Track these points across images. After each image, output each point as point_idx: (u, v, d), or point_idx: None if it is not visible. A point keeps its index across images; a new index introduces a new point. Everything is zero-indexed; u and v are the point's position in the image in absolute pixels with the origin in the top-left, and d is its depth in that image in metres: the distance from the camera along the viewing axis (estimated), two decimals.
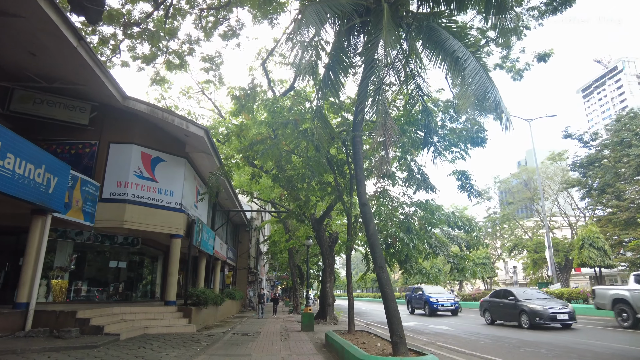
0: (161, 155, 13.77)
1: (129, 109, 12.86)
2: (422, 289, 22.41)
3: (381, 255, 6.56)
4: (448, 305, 20.52)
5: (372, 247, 6.63)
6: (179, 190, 14.00)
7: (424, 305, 21.52)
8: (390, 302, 6.14)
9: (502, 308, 15.13)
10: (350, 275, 10.19)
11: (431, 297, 21.05)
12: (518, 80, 14.08)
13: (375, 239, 6.69)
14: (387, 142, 7.68)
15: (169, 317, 12.10)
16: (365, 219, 6.96)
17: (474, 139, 10.23)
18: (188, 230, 14.13)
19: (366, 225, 6.91)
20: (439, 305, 20.45)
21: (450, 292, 27.32)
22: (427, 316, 20.67)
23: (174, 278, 13.18)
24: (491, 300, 16.03)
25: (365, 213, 7.01)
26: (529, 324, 13.39)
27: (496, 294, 16.09)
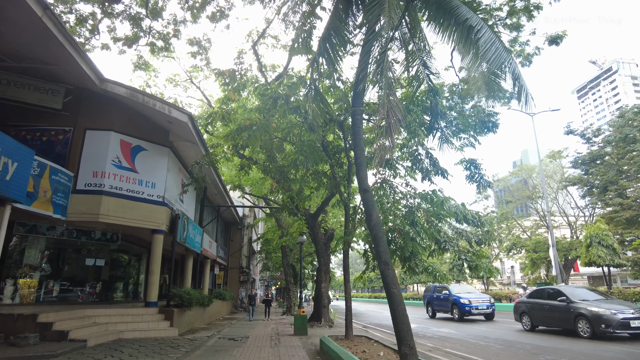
0: (142, 143, 12.68)
1: (107, 93, 11.79)
2: (448, 289, 19.24)
3: (386, 249, 5.56)
4: (483, 307, 17.42)
5: (376, 239, 5.63)
6: (162, 182, 12.92)
7: (451, 308, 18.45)
8: (398, 305, 5.15)
9: (547, 311, 12.49)
10: (348, 274, 9.20)
11: (462, 298, 17.78)
12: (527, 66, 13.17)
13: (379, 230, 5.69)
14: (390, 122, 6.70)
15: (148, 319, 11.03)
16: (367, 206, 5.96)
17: (484, 123, 9.26)
18: (172, 225, 13.06)
19: (368, 214, 5.91)
20: (472, 308, 17.29)
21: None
22: (456, 321, 17.47)
23: (156, 277, 12.10)
24: (531, 301, 13.47)
25: (366, 200, 6.01)
26: (590, 332, 10.64)
27: (538, 294, 13.57)
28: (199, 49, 14.29)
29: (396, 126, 6.88)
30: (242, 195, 21.95)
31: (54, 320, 8.26)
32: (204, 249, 17.95)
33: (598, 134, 28.79)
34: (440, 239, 8.79)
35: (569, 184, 33.96)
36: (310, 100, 6.66)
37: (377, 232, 5.68)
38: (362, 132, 6.77)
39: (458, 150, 10.13)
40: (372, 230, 5.73)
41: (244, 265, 29.10)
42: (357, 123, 6.71)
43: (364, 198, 6.06)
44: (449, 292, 18.91)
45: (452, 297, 18.36)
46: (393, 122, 6.80)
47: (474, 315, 17.55)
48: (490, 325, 15.71)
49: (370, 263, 9.81)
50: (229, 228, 28.45)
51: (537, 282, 45.38)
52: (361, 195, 6.15)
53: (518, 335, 12.27)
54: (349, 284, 9.04)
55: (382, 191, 9.82)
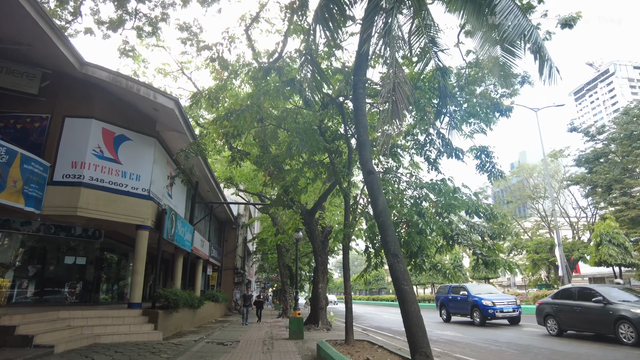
0: (126, 133, 11.80)
1: (88, 78, 10.94)
2: (466, 289, 17.27)
3: (395, 240, 4.73)
4: (509, 310, 15.33)
5: (383, 227, 4.80)
6: (147, 174, 12.03)
7: (470, 311, 16.41)
8: (410, 305, 4.31)
9: (579, 313, 11.03)
10: (348, 272, 8.35)
11: (484, 300, 15.72)
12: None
13: (386, 217, 4.86)
14: (397, 98, 5.88)
15: (130, 322, 10.12)
16: (372, 190, 5.12)
17: (497, 106, 8.44)
18: (158, 221, 12.16)
19: (374, 199, 5.08)
20: (496, 311, 15.20)
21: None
22: (477, 326, 15.58)
23: (140, 277, 11.20)
24: (558, 302, 11.91)
25: (371, 183, 5.18)
26: (636, 338, 9.26)
27: (566, 294, 11.95)
28: (190, 35, 13.43)
29: (404, 103, 6.06)
30: (237, 193, 21.06)
31: (18, 324, 7.35)
32: (195, 248, 17.04)
33: (602, 132, 28.12)
34: (451, 232, 7.95)
35: (572, 184, 33.32)
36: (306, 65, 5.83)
37: (384, 219, 4.84)
38: (365, 107, 5.94)
39: (467, 137, 9.35)
40: (379, 218, 4.90)
41: (239, 266, 28.16)
42: (359, 97, 5.88)
43: (368, 181, 5.22)
44: (468, 293, 16.93)
45: (472, 299, 16.39)
46: (400, 98, 5.99)
47: (498, 318, 15.59)
48: (514, 330, 13.98)
49: (372, 261, 8.97)
50: (223, 227, 27.53)
51: (538, 283, 44.68)
52: (365, 178, 5.32)
53: (545, 341, 10.87)
54: (349, 283, 8.20)
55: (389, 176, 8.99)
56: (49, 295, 11.47)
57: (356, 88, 5.92)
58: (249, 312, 17.19)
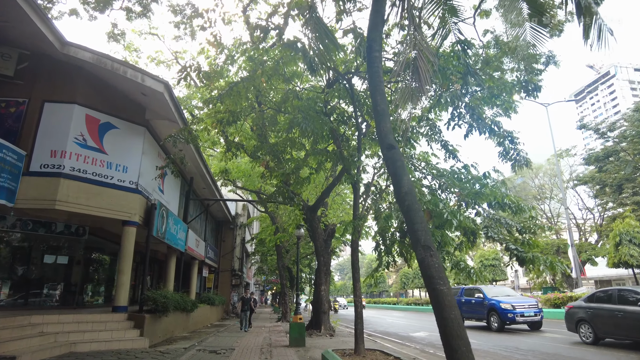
0: (113, 120, 10.84)
1: (71, 60, 10.02)
2: (481, 291, 15.95)
3: (426, 229, 3.76)
4: (530, 314, 14.05)
5: (409, 213, 3.83)
6: (136, 165, 11.06)
7: (487, 315, 15.07)
8: (450, 310, 3.33)
9: (621, 319, 9.60)
10: (357, 272, 7.36)
11: (502, 303, 14.40)
12: (556, 36, 11.50)
13: (413, 200, 3.90)
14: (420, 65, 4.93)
15: (113, 327, 9.12)
16: (395, 169, 4.15)
17: (526, 84, 7.48)
18: (147, 217, 11.18)
19: (396, 179, 4.11)
20: (516, 315, 13.90)
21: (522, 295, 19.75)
22: (495, 331, 14.29)
23: (125, 277, 10.20)
24: (594, 306, 10.52)
25: (393, 160, 4.21)
26: None
27: (604, 297, 10.54)
28: (182, 17, 12.48)
29: (427, 70, 5.10)
30: (234, 190, 20.07)
31: None
32: (189, 248, 16.05)
33: (613, 129, 27.17)
34: (474, 226, 6.96)
35: (579, 183, 32.36)
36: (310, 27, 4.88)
37: (410, 203, 3.87)
38: (381, 73, 4.97)
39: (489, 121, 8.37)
40: (404, 202, 3.93)
41: (237, 268, 27.11)
42: (374, 61, 4.92)
43: (389, 157, 4.25)
44: (484, 295, 15.58)
45: (489, 302, 15.03)
46: (422, 66, 5.03)
47: (518, 323, 14.27)
48: (536, 336, 12.69)
49: (383, 259, 7.98)
50: (220, 227, 26.51)
51: (544, 286, 43.66)
52: (385, 155, 4.36)
53: (577, 349, 9.55)
54: (359, 284, 7.20)
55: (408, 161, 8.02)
56: (26, 298, 10.46)
57: (371, 50, 4.96)
58: (247, 316, 15.44)
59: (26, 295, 10.50)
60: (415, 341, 12.26)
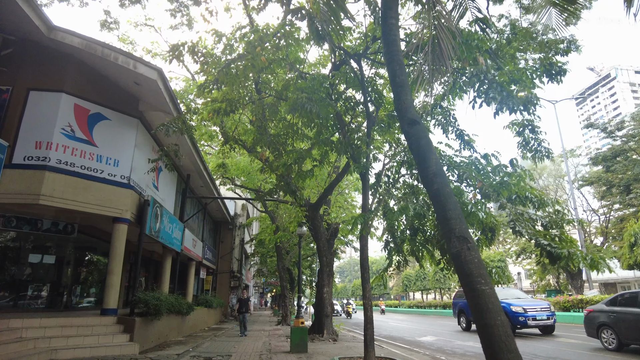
0: (104, 111, 10.21)
1: (58, 45, 9.41)
2: None
3: (460, 216, 3.14)
4: (542, 317, 13.38)
5: (439, 197, 3.20)
6: (128, 159, 10.43)
7: None
8: (494, 316, 2.70)
9: None
10: (367, 272, 6.67)
11: (513, 305, 13.72)
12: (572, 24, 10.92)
13: (443, 183, 3.27)
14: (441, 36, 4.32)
15: (100, 332, 8.45)
16: (419, 147, 3.52)
17: (550, 66, 6.84)
18: (139, 213, 10.53)
19: (421, 158, 3.48)
20: (528, 318, 13.27)
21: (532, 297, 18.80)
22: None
23: (116, 278, 9.53)
24: (618, 310, 9.86)
25: (417, 137, 3.58)
26: None
27: (628, 300, 9.87)
28: (178, 4, 11.87)
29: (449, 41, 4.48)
30: (232, 189, 19.41)
31: None
32: (186, 248, 15.39)
33: (621, 128, 26.55)
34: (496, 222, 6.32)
35: (585, 184, 31.72)
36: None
37: (440, 186, 3.24)
38: (399, 42, 4.34)
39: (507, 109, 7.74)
40: (432, 185, 3.29)
41: (236, 270, 26.42)
42: (390, 29, 4.29)
43: (412, 134, 3.61)
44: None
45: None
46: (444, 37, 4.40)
47: (529, 327, 13.64)
48: (550, 341, 11.90)
49: (393, 258, 7.32)
50: (218, 228, 25.85)
51: (547, 289, 42.96)
52: (406, 132, 3.71)
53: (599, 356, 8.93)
54: (369, 285, 6.54)
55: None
56: (7, 300, 9.79)
57: (386, 18, 4.34)
58: (247, 320, 14.17)
59: (8, 297, 9.83)
60: (424, 346, 11.59)
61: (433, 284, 41.47)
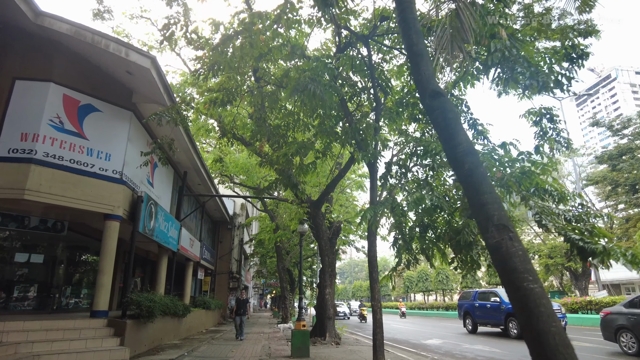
0: (95, 102, 9.69)
1: (46, 32, 8.88)
2: (498, 295, 14.73)
3: (498, 200, 2.63)
4: None
5: (471, 179, 2.70)
6: (120, 153, 9.91)
7: (504, 320, 13.86)
8: (549, 320, 2.16)
9: None
10: (376, 271, 6.13)
11: None
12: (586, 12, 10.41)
13: (475, 164, 2.77)
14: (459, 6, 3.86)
15: (88, 335, 7.92)
16: (446, 122, 3.01)
17: (572, 49, 6.33)
18: (132, 210, 10.01)
19: (448, 135, 2.98)
20: None
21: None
22: (514, 338, 13.09)
23: (107, 278, 9.00)
24: (639, 313, 9.34)
25: (443, 111, 3.07)
26: None
27: None
28: None
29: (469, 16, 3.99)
30: (231, 187, 18.90)
31: None
32: (183, 248, 14.86)
33: (628, 126, 26.05)
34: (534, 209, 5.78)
35: (590, 183, 31.21)
36: None
37: (472, 165, 2.74)
38: (414, 8, 3.84)
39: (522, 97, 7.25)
40: (462, 165, 2.79)
41: (235, 270, 25.88)
42: None
43: (436, 108, 3.10)
44: (501, 300, 14.33)
45: (507, 306, 13.66)
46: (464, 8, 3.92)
47: None
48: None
49: (402, 256, 6.80)
50: (217, 228, 25.31)
51: (551, 290, 42.45)
52: (428, 106, 3.20)
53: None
54: (378, 286, 6.02)
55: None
56: None
57: None
58: (244, 323, 13.17)
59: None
60: (431, 350, 11.07)
61: (435, 285, 40.92)
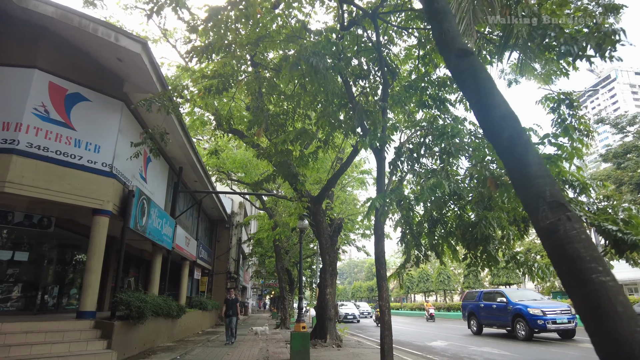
0: (83, 91, 9.18)
1: (31, 16, 8.39)
2: (504, 295, 14.31)
3: (549, 175, 2.11)
4: (563, 321, 12.33)
5: (513, 149, 2.19)
6: (110, 145, 9.39)
7: (512, 322, 13.36)
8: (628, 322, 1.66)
9: None
10: (384, 268, 5.59)
11: (530, 308, 12.74)
12: None
13: (516, 128, 2.26)
14: None
15: (73, 338, 7.39)
16: (478, 83, 2.50)
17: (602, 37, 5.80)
18: (123, 206, 9.48)
19: (482, 98, 2.46)
20: (547, 322, 12.15)
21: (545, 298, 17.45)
22: (522, 340, 12.66)
23: (94, 276, 8.47)
24: None
25: (474, 71, 2.55)
26: None
27: None
28: None
29: None
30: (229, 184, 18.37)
31: None
32: (178, 246, 14.34)
33: (633, 123, 25.60)
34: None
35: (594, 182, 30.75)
36: None
37: (513, 132, 2.24)
38: None
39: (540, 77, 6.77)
40: (501, 132, 2.29)
41: (232, 270, 25.35)
42: None
43: (464, 69, 2.59)
44: (507, 300, 13.92)
45: (514, 307, 13.35)
46: None
47: (548, 331, 12.51)
48: (572, 347, 10.85)
49: (411, 251, 6.30)
50: (214, 227, 24.79)
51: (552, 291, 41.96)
52: (456, 67, 2.68)
53: None
54: (386, 284, 5.48)
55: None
56: None
57: None
58: (234, 325, 11.92)
59: None
60: (437, 353, 10.56)
61: (436, 285, 40.43)
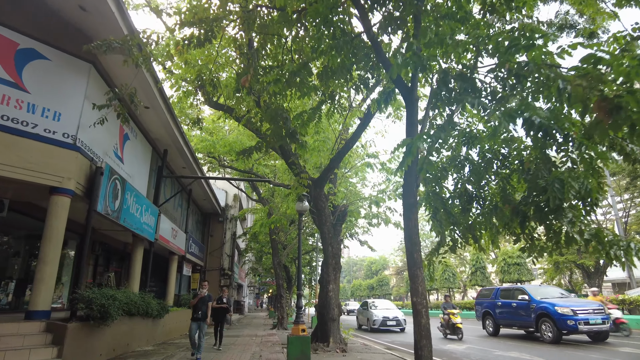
0: (40, 47, 7.69)
1: None
2: (526, 292, 12.86)
3: None
4: (597, 321, 10.89)
5: None
6: (74, 113, 7.90)
7: (535, 322, 11.92)
8: None
9: None
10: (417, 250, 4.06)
11: (558, 306, 11.28)
12: None
13: None
14: None
15: (15, 344, 5.91)
16: None
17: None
18: (89, 185, 7.96)
19: None
20: (579, 322, 10.73)
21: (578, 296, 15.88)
22: (549, 342, 11.21)
23: (49, 269, 6.96)
24: None
25: None
26: None
27: None
28: None
29: None
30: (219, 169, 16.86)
31: None
32: (162, 237, 12.85)
33: None
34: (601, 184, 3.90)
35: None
36: None
37: None
38: None
39: None
40: None
41: (226, 267, 23.85)
42: None
43: None
44: (530, 297, 12.38)
45: (538, 305, 11.86)
46: None
47: (580, 333, 10.93)
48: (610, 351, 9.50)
49: (445, 235, 4.83)
50: (207, 220, 23.30)
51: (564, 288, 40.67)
52: None
53: None
54: (422, 272, 3.98)
55: None
56: None
57: None
58: (203, 331, 8.12)
59: None
60: (457, 357, 9.13)
61: (441, 283, 39.00)
